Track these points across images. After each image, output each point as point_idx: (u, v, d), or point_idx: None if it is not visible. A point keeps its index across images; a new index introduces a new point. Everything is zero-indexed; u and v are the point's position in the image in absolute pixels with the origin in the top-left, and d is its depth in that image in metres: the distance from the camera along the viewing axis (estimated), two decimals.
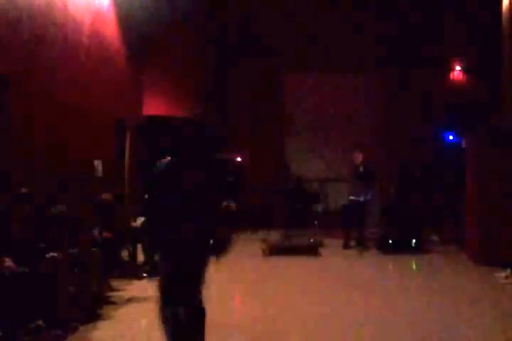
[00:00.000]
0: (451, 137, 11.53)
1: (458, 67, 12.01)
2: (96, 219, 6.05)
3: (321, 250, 8.32)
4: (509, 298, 5.70)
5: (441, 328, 4.67)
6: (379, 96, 12.08)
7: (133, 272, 6.43)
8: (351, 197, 8.80)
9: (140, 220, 6.69)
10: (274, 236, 9.38)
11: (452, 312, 5.13)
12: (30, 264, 4.27)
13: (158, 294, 3.43)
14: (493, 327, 4.61)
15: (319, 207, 10.93)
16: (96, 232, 5.83)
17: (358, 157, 8.86)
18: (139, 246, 6.72)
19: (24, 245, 4.47)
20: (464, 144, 8.41)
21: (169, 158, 3.58)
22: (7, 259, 4.16)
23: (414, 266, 7.62)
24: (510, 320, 4.83)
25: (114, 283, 5.86)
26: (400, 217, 8.93)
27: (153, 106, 11.11)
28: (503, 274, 6.26)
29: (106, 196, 6.55)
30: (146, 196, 4.14)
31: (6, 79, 5.59)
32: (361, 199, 8.62)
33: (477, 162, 7.73)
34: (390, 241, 8.31)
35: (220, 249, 3.54)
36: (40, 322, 4.15)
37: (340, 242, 8.83)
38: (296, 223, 9.72)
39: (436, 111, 11.49)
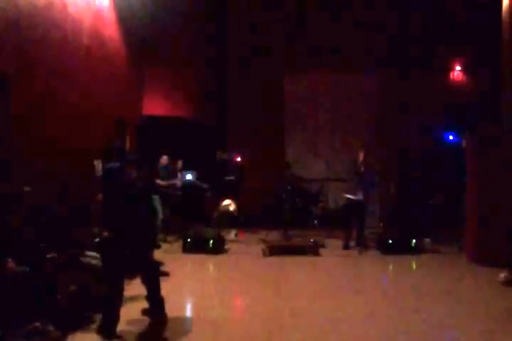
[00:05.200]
0: (451, 137, 11.53)
1: (458, 67, 12.02)
2: (95, 219, 6.04)
3: (321, 250, 8.31)
4: (509, 298, 5.70)
5: (441, 328, 4.67)
6: (379, 96, 12.08)
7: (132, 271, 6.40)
8: (348, 196, 8.77)
9: None
10: (274, 236, 9.38)
11: (452, 313, 5.13)
12: (30, 264, 4.27)
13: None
14: (493, 328, 4.61)
15: (319, 207, 10.91)
16: (95, 232, 5.82)
17: (361, 156, 8.85)
18: None
19: (24, 245, 4.47)
20: (463, 144, 8.41)
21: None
22: (10, 260, 4.16)
23: (414, 266, 7.62)
24: (509, 320, 4.83)
25: None
26: (400, 217, 8.90)
27: (153, 106, 11.13)
28: (502, 274, 6.25)
29: None
30: None
31: (5, 79, 5.60)
32: (357, 198, 8.59)
33: (477, 162, 7.73)
34: (390, 241, 8.30)
35: None
36: (40, 322, 4.15)
37: (340, 242, 8.81)
38: (296, 223, 9.71)
39: (436, 111, 11.49)
